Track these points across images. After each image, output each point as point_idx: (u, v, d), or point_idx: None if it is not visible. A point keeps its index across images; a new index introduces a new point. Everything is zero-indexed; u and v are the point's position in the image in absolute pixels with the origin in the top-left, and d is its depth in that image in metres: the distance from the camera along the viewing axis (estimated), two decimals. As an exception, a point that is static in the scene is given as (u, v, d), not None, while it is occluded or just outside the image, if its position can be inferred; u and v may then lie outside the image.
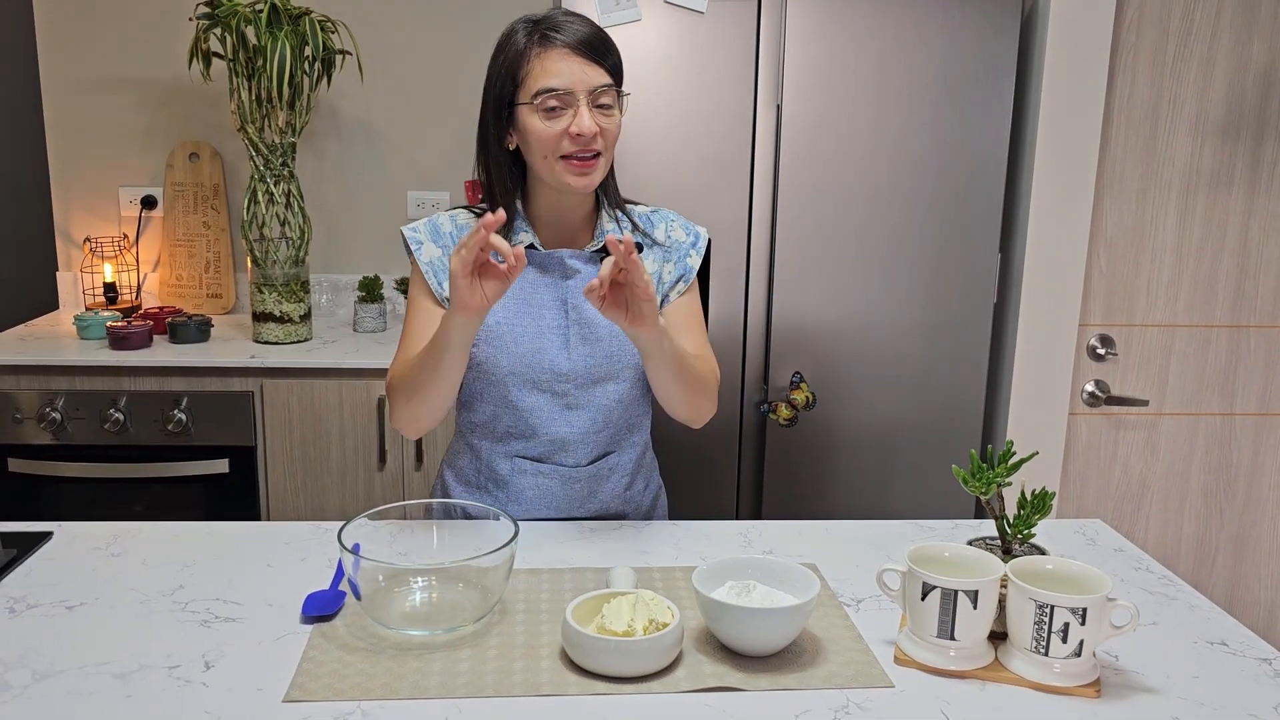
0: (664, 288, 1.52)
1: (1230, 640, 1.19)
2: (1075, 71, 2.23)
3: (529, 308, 1.45)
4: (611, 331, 1.46)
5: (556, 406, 1.47)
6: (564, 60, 1.35)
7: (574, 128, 1.35)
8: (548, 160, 1.38)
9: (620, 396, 1.49)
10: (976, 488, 1.19)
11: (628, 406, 1.51)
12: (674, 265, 1.52)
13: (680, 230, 1.55)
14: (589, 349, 1.45)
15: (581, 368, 1.45)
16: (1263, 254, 2.38)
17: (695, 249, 1.54)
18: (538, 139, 1.37)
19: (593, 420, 1.48)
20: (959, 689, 1.07)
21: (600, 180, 1.41)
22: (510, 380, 1.45)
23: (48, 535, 1.40)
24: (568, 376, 1.45)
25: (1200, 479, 2.47)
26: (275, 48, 2.30)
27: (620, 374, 1.48)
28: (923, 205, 2.21)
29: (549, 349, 1.45)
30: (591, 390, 1.47)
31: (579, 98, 1.35)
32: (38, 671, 1.06)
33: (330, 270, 2.95)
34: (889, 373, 2.27)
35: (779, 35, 2.13)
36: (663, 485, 1.69)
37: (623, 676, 1.05)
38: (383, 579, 1.18)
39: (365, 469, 2.42)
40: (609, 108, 1.39)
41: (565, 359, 1.45)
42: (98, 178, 2.89)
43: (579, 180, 1.38)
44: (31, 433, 2.34)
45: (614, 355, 1.46)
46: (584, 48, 1.36)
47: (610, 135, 1.39)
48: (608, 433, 1.50)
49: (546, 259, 1.46)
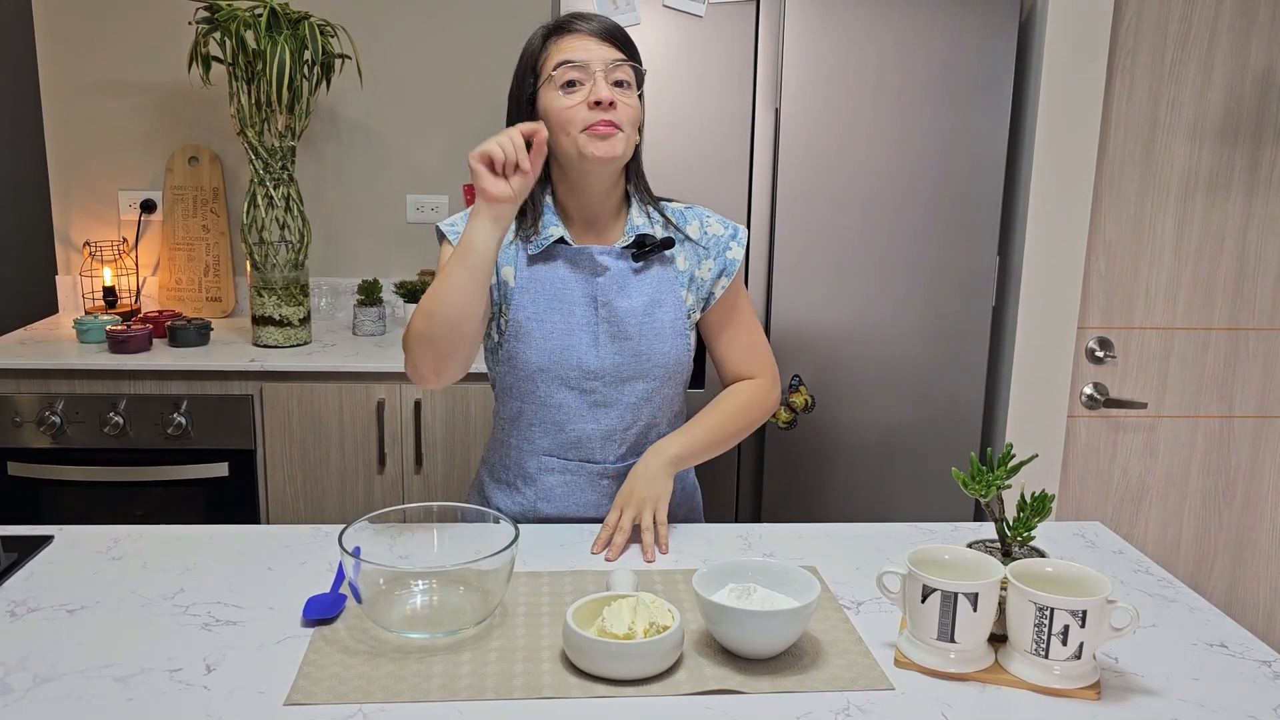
0: (705, 285, 1.51)
1: (1230, 642, 1.19)
2: (1074, 74, 2.23)
3: (559, 304, 1.45)
4: (640, 330, 1.46)
5: (585, 404, 1.47)
6: (580, 40, 1.39)
7: (591, 96, 1.36)
8: (570, 136, 1.38)
9: (649, 395, 1.49)
10: (976, 490, 1.19)
11: (658, 406, 1.51)
12: (713, 260, 1.52)
13: (717, 225, 1.54)
14: (617, 346, 1.45)
15: (610, 365, 1.45)
16: (1261, 256, 2.38)
17: (736, 241, 1.53)
18: (558, 115, 1.38)
19: (621, 418, 1.48)
20: (959, 691, 1.07)
21: (622, 153, 1.39)
22: (539, 376, 1.46)
23: (48, 539, 1.40)
24: (596, 374, 1.45)
25: (1199, 481, 2.48)
26: (275, 52, 2.31)
27: (649, 373, 1.47)
28: (921, 208, 2.21)
29: (577, 346, 1.45)
30: (620, 388, 1.47)
31: (595, 69, 1.37)
32: (39, 675, 1.06)
33: (330, 274, 2.95)
34: (888, 375, 2.27)
35: (777, 39, 2.14)
36: (698, 484, 1.68)
37: (623, 679, 1.05)
38: (383, 582, 1.18)
39: (365, 472, 2.42)
40: (626, 85, 1.40)
41: (594, 356, 1.45)
42: (97, 181, 2.90)
43: (601, 146, 1.36)
44: (31, 436, 2.34)
45: (642, 354, 1.46)
46: (601, 31, 1.40)
47: (628, 113, 1.39)
48: (636, 430, 1.50)
49: (577, 254, 1.46)
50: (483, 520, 1.28)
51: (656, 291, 1.47)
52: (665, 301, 1.48)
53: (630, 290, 1.46)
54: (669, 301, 1.48)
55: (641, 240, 1.46)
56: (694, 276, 1.51)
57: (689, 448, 1.48)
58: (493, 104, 2.89)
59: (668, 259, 1.50)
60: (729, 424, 1.52)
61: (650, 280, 1.47)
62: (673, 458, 1.46)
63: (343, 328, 2.80)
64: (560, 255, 1.47)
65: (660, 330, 1.47)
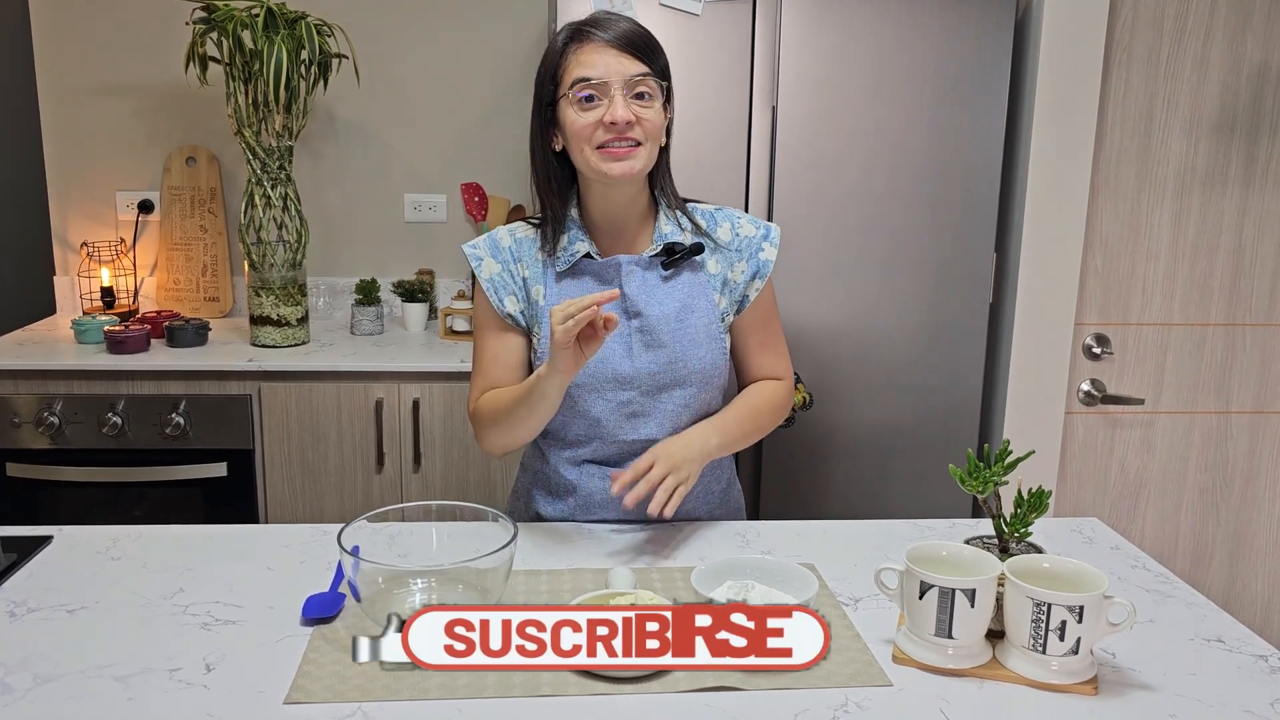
0: (738, 288, 1.50)
1: (1226, 637, 1.19)
2: (1069, 71, 2.24)
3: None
4: (675, 337, 1.44)
5: (622, 415, 1.46)
6: (599, 53, 1.36)
7: (607, 117, 1.34)
8: (585, 153, 1.37)
9: (687, 402, 1.47)
10: (973, 487, 1.19)
11: (696, 412, 1.48)
12: (746, 263, 1.49)
13: (749, 225, 1.52)
14: (652, 355, 1.44)
15: (645, 373, 1.44)
16: (1257, 252, 2.39)
17: (769, 241, 1.51)
18: (573, 130, 1.37)
19: (660, 427, 1.46)
20: (957, 687, 1.07)
21: (642, 168, 1.38)
22: (575, 391, 1.44)
23: (48, 539, 1.40)
24: (632, 383, 1.44)
25: (1196, 477, 2.48)
26: (271, 52, 2.31)
27: (686, 379, 1.45)
28: (918, 205, 2.21)
29: (612, 357, 1.43)
30: (658, 397, 1.45)
31: (613, 88, 1.35)
32: (39, 675, 1.06)
33: (327, 273, 2.95)
34: (885, 373, 2.27)
35: (774, 37, 2.14)
36: (738, 484, 1.66)
37: (622, 677, 1.06)
38: (382, 581, 1.18)
39: (363, 471, 2.42)
40: (647, 97, 1.37)
41: (629, 365, 1.44)
42: (95, 182, 2.89)
43: (615, 166, 1.36)
44: (30, 437, 2.34)
45: (678, 360, 1.44)
46: (621, 41, 1.37)
47: (650, 125, 1.37)
48: None
49: (604, 267, 1.45)
50: (481, 519, 1.28)
51: (688, 297, 1.45)
52: (698, 307, 1.46)
53: (661, 298, 1.44)
54: (702, 306, 1.46)
55: (670, 248, 1.45)
56: (727, 280, 1.49)
57: (725, 438, 1.46)
58: (490, 103, 2.89)
59: (698, 264, 1.48)
60: (758, 420, 1.51)
61: (681, 286, 1.46)
62: (714, 448, 1.44)
63: (341, 327, 2.80)
64: (588, 269, 1.46)
65: (695, 336, 1.45)
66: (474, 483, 2.44)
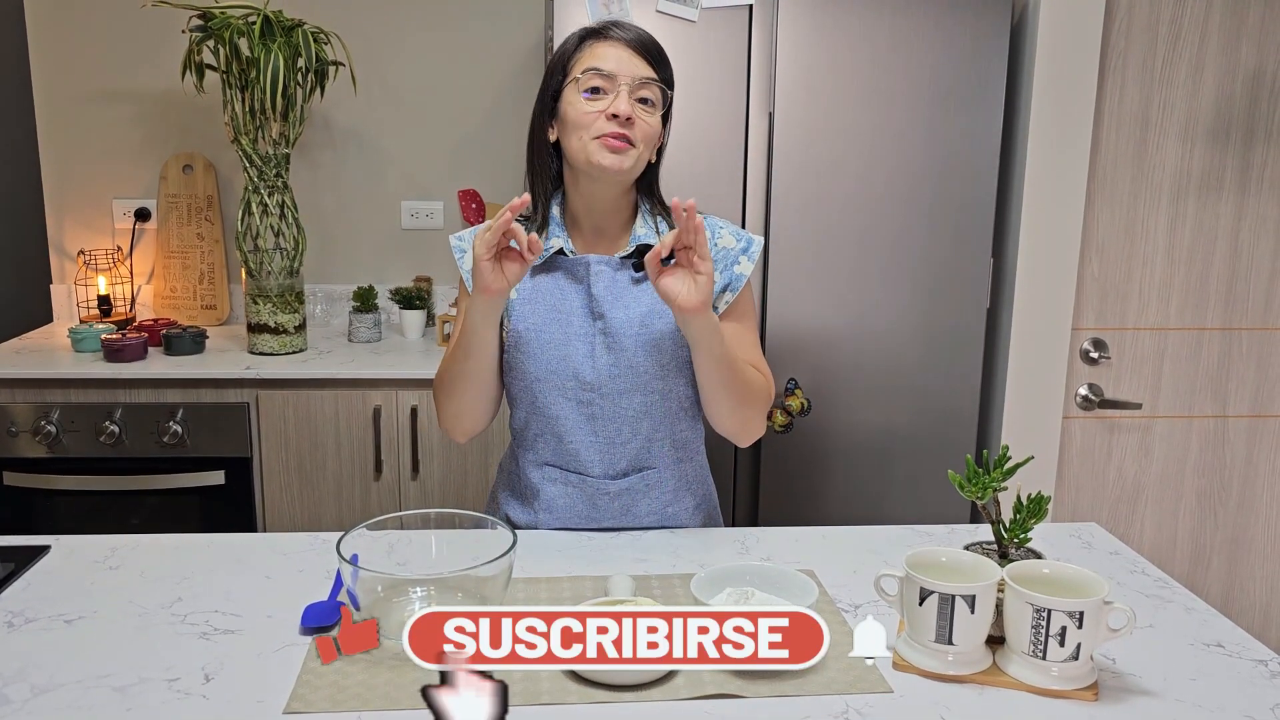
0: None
1: (1226, 642, 1.19)
2: (1065, 76, 2.24)
3: (557, 314, 1.45)
4: (636, 342, 1.43)
5: (583, 416, 1.46)
6: (614, 48, 1.39)
7: (611, 108, 1.36)
8: (582, 140, 1.37)
9: (647, 409, 1.46)
10: (972, 493, 1.19)
11: (659, 421, 1.48)
12: (720, 274, 1.47)
13: (729, 237, 1.50)
14: (613, 358, 1.44)
15: (605, 376, 1.44)
16: (1253, 256, 2.39)
17: (746, 255, 1.49)
18: (574, 117, 1.38)
19: (618, 431, 1.46)
20: (957, 694, 1.07)
21: (631, 168, 1.39)
22: (537, 386, 1.45)
23: (45, 549, 1.40)
24: (592, 385, 1.44)
25: (1194, 481, 2.48)
26: (268, 59, 2.31)
27: (645, 386, 1.45)
28: (915, 211, 2.22)
29: (574, 356, 1.44)
30: (617, 401, 1.45)
31: (621, 83, 1.37)
32: (36, 685, 1.06)
33: (325, 281, 2.95)
34: (883, 378, 2.27)
35: (771, 43, 2.14)
36: (718, 505, 1.64)
37: (622, 685, 1.05)
38: (381, 589, 1.18)
39: (361, 479, 2.42)
40: (650, 104, 1.39)
41: (590, 367, 1.44)
42: (91, 190, 2.89)
43: (610, 158, 1.36)
44: (27, 446, 2.33)
45: (637, 366, 1.44)
46: (636, 43, 1.40)
47: (646, 131, 1.38)
48: (635, 445, 1.47)
49: (574, 264, 1.45)
50: (480, 527, 1.28)
51: (656, 303, 1.44)
52: (664, 313, 1.44)
53: (628, 301, 1.44)
54: (668, 313, 1.44)
55: (642, 250, 1.45)
56: None
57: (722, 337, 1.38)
58: (486, 110, 2.89)
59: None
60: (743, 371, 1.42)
61: (650, 291, 1.44)
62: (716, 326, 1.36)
63: (338, 334, 2.80)
64: (560, 266, 1.46)
65: (658, 342, 1.44)
66: (473, 490, 2.44)
